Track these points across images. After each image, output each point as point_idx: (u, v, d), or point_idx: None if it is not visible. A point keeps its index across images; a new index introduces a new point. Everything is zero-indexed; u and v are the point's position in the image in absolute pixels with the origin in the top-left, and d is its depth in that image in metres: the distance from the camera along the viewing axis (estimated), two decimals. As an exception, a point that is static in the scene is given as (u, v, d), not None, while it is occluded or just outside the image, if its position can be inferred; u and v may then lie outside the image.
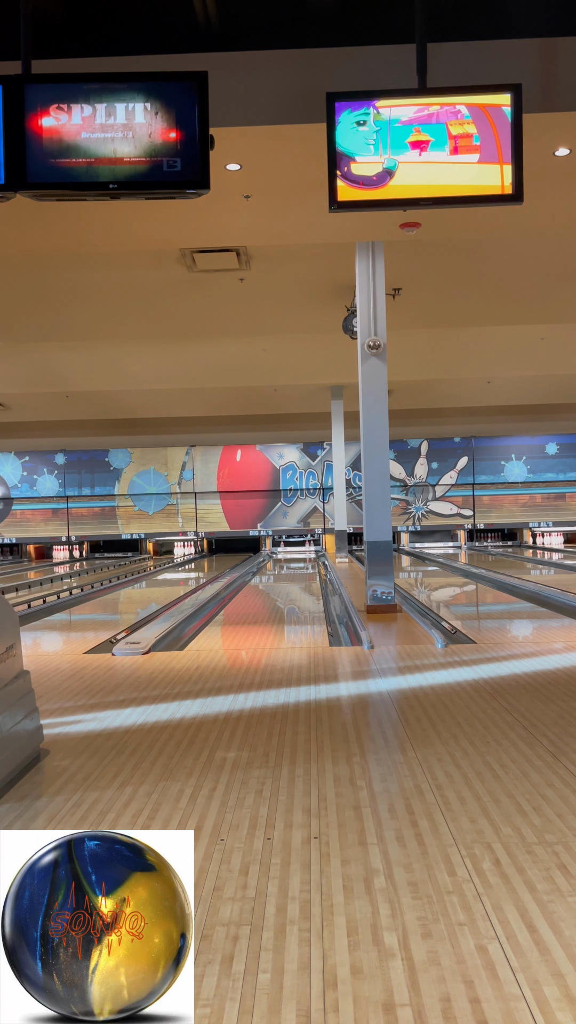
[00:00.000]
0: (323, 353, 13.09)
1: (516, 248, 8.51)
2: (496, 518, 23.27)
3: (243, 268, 8.64)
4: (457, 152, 4.43)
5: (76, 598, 11.61)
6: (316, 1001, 1.78)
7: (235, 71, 5.21)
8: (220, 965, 1.93)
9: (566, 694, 4.58)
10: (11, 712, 3.33)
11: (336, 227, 7.05)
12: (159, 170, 4.30)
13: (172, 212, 6.59)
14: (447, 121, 4.42)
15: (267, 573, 16.10)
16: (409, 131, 4.43)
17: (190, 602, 10.29)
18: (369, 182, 4.46)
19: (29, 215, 6.31)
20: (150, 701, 4.68)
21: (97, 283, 9.36)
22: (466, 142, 4.42)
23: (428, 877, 2.34)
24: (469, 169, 4.45)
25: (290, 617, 9.24)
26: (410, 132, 4.42)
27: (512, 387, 16.94)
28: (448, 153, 4.43)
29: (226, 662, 6.11)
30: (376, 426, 8.23)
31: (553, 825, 2.70)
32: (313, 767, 3.38)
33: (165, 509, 23.42)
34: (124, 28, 5.46)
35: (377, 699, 4.69)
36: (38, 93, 4.28)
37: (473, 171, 4.45)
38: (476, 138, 4.42)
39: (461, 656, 5.87)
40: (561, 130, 5.51)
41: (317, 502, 23.15)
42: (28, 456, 23.37)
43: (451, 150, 4.43)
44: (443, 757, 3.46)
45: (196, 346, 12.79)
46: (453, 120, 4.42)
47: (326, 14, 5.49)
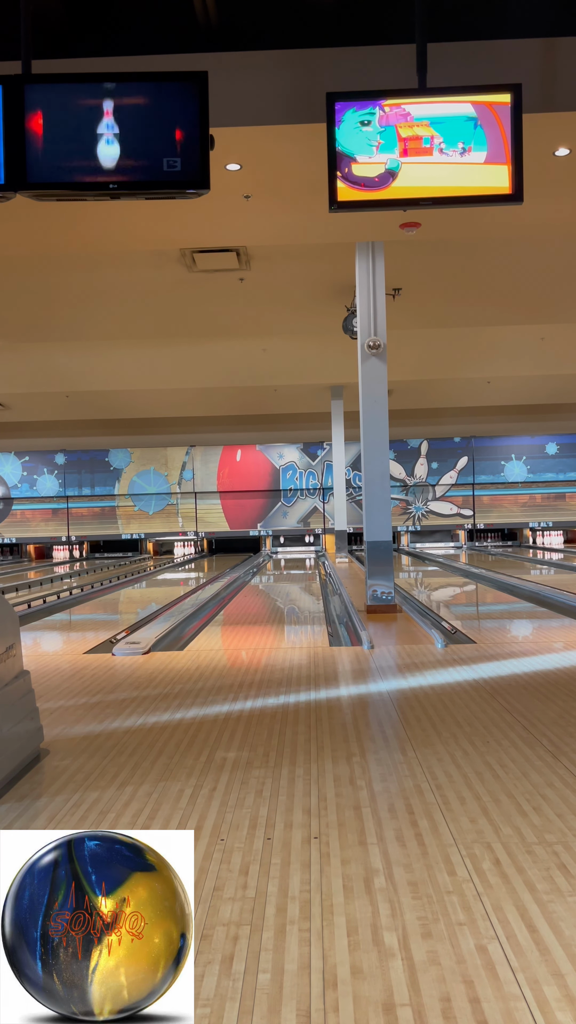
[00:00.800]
0: (323, 353, 13.09)
1: (516, 248, 8.51)
2: (496, 518, 23.27)
3: (243, 268, 8.64)
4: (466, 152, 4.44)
5: (76, 598, 11.61)
6: (316, 1001, 1.78)
7: (235, 71, 5.21)
8: (220, 965, 1.93)
9: (566, 694, 4.58)
10: (11, 712, 3.33)
11: (336, 227, 7.05)
12: (159, 170, 4.30)
13: (172, 212, 6.59)
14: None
15: (267, 573, 16.10)
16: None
17: (190, 602, 10.29)
18: (371, 183, 4.46)
19: (29, 215, 6.31)
20: (150, 701, 4.68)
21: (97, 283, 9.36)
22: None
23: (428, 877, 2.34)
24: (474, 170, 4.45)
25: (290, 617, 9.24)
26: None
27: (512, 387, 16.94)
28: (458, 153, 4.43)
29: (226, 662, 6.11)
30: (376, 426, 8.22)
31: (553, 825, 2.70)
32: (313, 767, 3.38)
33: (165, 509, 23.42)
34: (124, 28, 5.46)
35: (377, 699, 4.69)
36: (38, 93, 4.29)
37: (479, 172, 4.45)
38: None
39: (461, 656, 5.87)
40: (561, 130, 5.51)
41: (317, 502, 23.15)
42: (28, 456, 23.36)
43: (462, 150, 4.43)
44: (443, 757, 3.46)
45: (196, 346, 12.79)
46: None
47: (326, 14, 5.49)
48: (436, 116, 4.42)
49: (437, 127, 4.42)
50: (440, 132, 4.42)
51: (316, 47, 5.34)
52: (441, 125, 4.42)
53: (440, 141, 4.42)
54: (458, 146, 4.42)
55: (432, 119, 4.42)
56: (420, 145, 4.43)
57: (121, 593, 12.93)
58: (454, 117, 4.42)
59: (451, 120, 4.42)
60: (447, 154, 4.43)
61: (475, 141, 4.42)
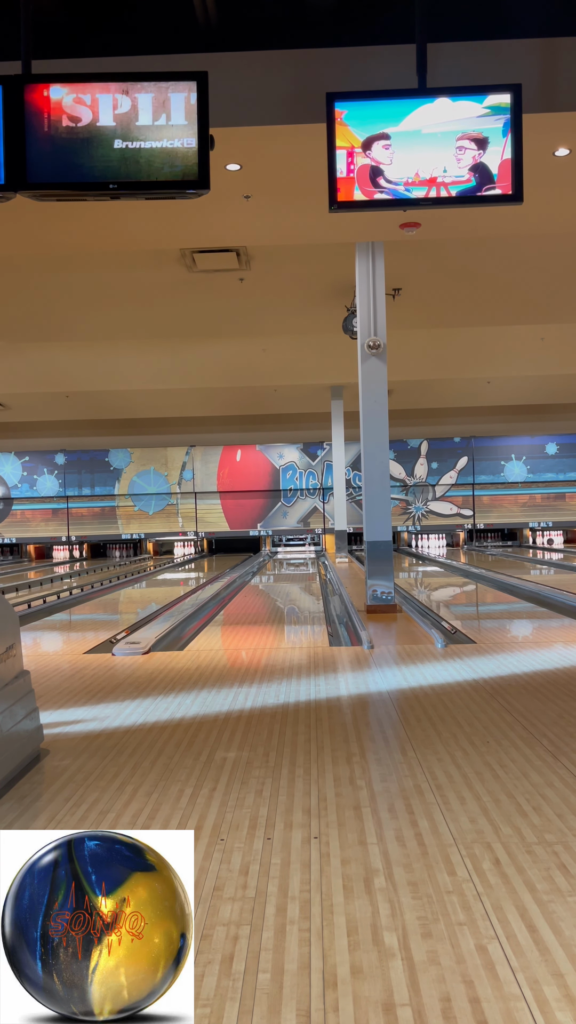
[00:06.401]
0: (323, 353, 13.09)
1: (516, 248, 8.51)
2: (496, 518, 23.27)
3: (243, 268, 8.64)
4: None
5: (76, 598, 11.61)
6: (316, 1001, 1.78)
7: (235, 71, 5.21)
8: (220, 965, 1.93)
9: (566, 694, 4.58)
10: (11, 712, 3.33)
11: (336, 227, 7.04)
12: (159, 170, 4.30)
13: (172, 212, 6.59)
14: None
15: (267, 573, 16.09)
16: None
17: (190, 602, 10.29)
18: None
19: (29, 215, 6.31)
20: (150, 701, 4.68)
21: (97, 283, 9.36)
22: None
23: (428, 877, 2.34)
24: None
25: (290, 617, 9.24)
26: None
27: (512, 387, 16.94)
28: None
29: (226, 662, 6.11)
30: (376, 426, 8.22)
31: (553, 825, 2.70)
32: (313, 767, 3.38)
33: (165, 509, 23.42)
34: (124, 28, 5.46)
35: (377, 699, 4.69)
36: (38, 93, 4.28)
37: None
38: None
39: (461, 656, 5.87)
40: (561, 130, 5.51)
41: (317, 502, 23.15)
42: (28, 456, 23.36)
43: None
44: (443, 757, 3.46)
45: (196, 346, 12.79)
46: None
47: (326, 14, 5.49)
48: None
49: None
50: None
51: (316, 47, 5.34)
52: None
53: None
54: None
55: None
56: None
57: (121, 593, 12.93)
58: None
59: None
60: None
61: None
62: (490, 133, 4.44)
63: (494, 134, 4.43)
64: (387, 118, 4.46)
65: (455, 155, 4.44)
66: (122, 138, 4.26)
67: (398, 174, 4.47)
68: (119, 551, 23.72)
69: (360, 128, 4.46)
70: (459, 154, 4.44)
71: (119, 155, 4.26)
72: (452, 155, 4.45)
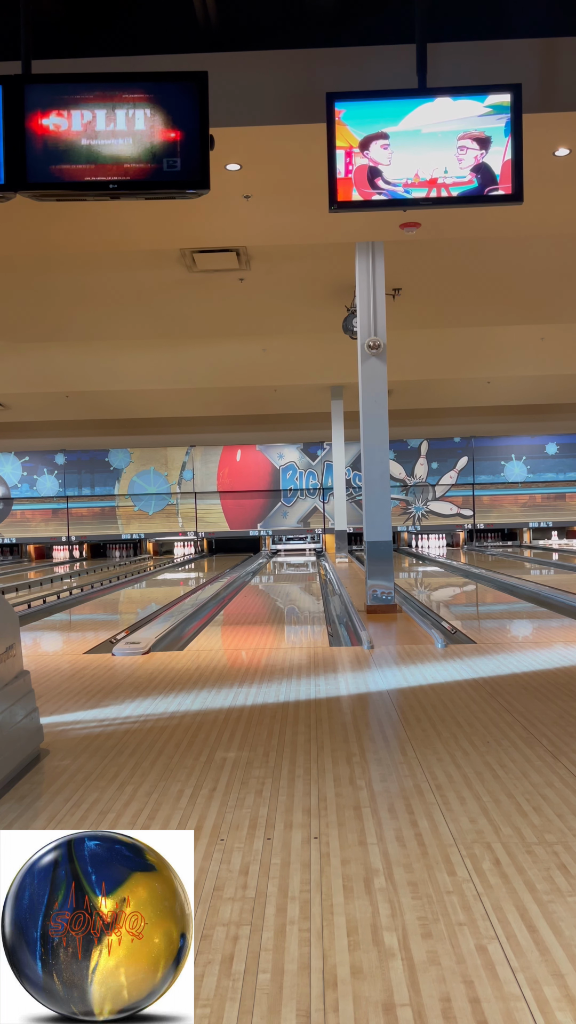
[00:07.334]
0: (323, 353, 13.08)
1: (516, 248, 8.51)
2: (496, 518, 23.28)
3: (243, 268, 8.64)
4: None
5: (76, 598, 11.61)
6: (316, 1001, 1.78)
7: (235, 71, 5.21)
8: (220, 965, 1.93)
9: (566, 694, 4.58)
10: (11, 712, 3.33)
11: (336, 227, 7.05)
12: (159, 170, 4.30)
13: (172, 212, 6.59)
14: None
15: (267, 573, 16.09)
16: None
17: (190, 602, 10.29)
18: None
19: (29, 215, 6.31)
20: (150, 701, 4.68)
21: (97, 283, 9.36)
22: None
23: (428, 877, 2.34)
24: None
25: (290, 617, 9.23)
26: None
27: (512, 387, 16.94)
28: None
29: (226, 662, 6.10)
30: (376, 426, 8.22)
31: (553, 825, 2.70)
32: (313, 767, 3.38)
33: (165, 509, 23.42)
34: (124, 28, 5.46)
35: (377, 699, 4.69)
36: (38, 93, 4.29)
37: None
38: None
39: (461, 656, 5.87)
40: (561, 130, 5.51)
41: (317, 502, 23.15)
42: (28, 456, 23.37)
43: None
44: (443, 757, 3.46)
45: (196, 346, 12.79)
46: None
47: (326, 14, 5.49)
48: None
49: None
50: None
51: (316, 47, 5.34)
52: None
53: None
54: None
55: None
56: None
57: (121, 593, 12.93)
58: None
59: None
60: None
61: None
62: (493, 132, 4.44)
63: (497, 133, 4.43)
64: (386, 117, 4.46)
65: (456, 155, 4.44)
66: (120, 138, 4.26)
67: (397, 174, 4.47)
68: (119, 551, 23.74)
69: (358, 128, 4.46)
70: (461, 154, 4.44)
71: (115, 156, 4.26)
72: (453, 155, 4.45)
